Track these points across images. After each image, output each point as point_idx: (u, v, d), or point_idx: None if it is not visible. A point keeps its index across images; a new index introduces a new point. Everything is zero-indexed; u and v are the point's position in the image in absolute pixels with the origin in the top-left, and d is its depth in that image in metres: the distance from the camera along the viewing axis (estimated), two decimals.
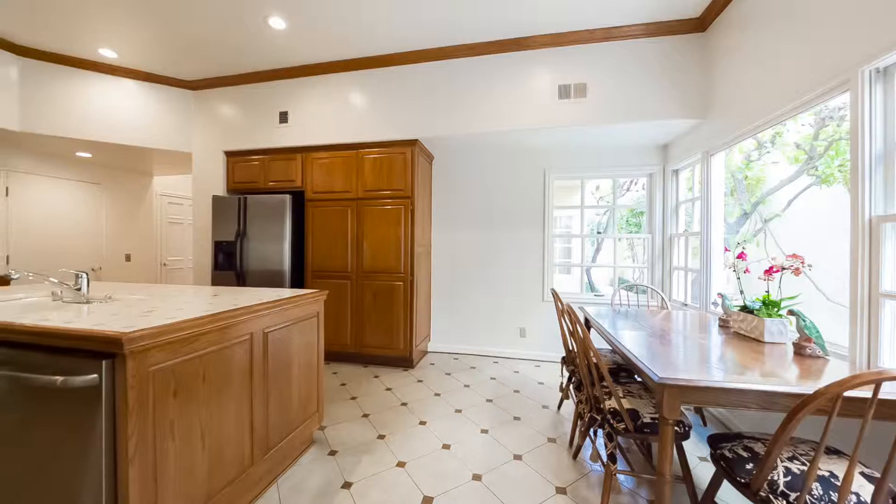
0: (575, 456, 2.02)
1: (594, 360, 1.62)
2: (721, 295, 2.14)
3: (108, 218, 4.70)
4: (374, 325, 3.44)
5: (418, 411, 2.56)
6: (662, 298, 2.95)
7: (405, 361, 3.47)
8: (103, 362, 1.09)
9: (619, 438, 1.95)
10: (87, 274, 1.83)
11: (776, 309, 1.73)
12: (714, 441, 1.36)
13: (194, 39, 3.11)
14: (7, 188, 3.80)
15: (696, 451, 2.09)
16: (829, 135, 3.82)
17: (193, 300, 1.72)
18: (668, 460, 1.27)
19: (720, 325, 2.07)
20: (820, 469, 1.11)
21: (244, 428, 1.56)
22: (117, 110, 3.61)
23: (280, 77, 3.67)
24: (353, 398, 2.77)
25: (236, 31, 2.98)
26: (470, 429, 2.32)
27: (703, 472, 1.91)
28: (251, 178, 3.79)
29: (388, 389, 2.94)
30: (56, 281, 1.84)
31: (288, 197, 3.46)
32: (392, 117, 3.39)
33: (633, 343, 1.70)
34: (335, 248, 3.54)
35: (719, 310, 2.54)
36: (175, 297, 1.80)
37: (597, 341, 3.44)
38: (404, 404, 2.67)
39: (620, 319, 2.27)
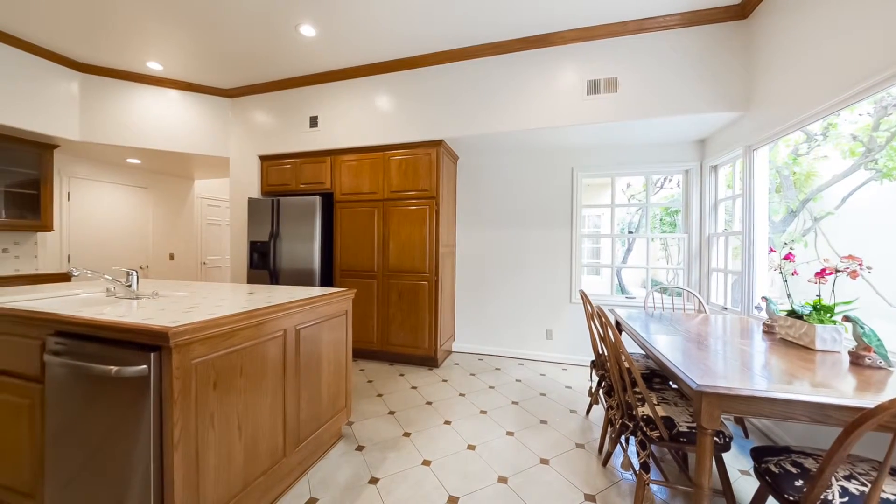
0: (605, 463, 1.95)
1: (626, 364, 1.56)
2: (765, 298, 2.01)
3: (153, 220, 5.04)
4: (400, 324, 3.49)
5: (443, 411, 2.57)
6: (699, 301, 2.80)
7: (430, 361, 3.49)
8: (151, 354, 1.17)
9: (653, 447, 1.88)
10: (136, 272, 1.97)
11: (829, 314, 1.60)
12: (758, 454, 1.28)
13: (231, 50, 3.27)
14: (69, 193, 4.16)
15: (738, 464, 1.97)
16: (892, 125, 3.50)
17: (231, 297, 1.81)
18: (706, 472, 1.20)
19: (764, 331, 1.94)
20: (883, 491, 1.01)
21: (277, 420, 1.62)
22: (163, 119, 3.86)
23: (310, 83, 3.80)
24: (380, 395, 2.81)
25: (270, 40, 3.11)
26: (495, 430, 2.31)
27: (745, 486, 1.80)
28: (284, 180, 3.94)
29: (414, 388, 2.96)
30: (110, 278, 1.99)
31: (318, 198, 3.58)
32: (417, 118, 3.42)
33: (668, 348, 1.63)
34: (362, 248, 3.62)
35: (763, 314, 2.38)
36: (214, 295, 1.90)
37: (628, 345, 3.32)
38: (429, 403, 2.69)
39: (654, 323, 2.18)
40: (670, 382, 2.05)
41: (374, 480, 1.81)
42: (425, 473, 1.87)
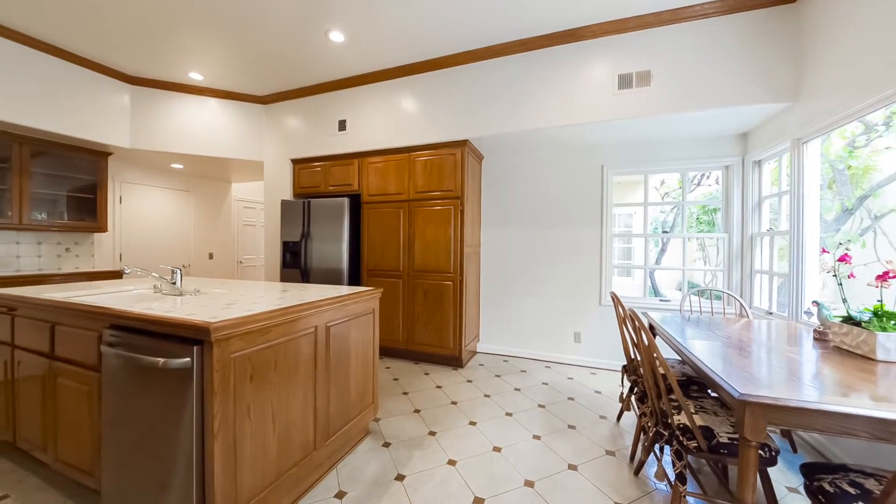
0: (637, 472, 1.88)
1: (662, 370, 1.50)
2: (817, 303, 1.86)
3: (195, 221, 5.35)
4: (425, 324, 3.51)
5: (468, 411, 2.56)
6: (741, 305, 2.64)
7: (454, 361, 3.49)
8: (194, 348, 1.24)
9: (690, 457, 1.78)
10: (180, 270, 2.10)
11: (893, 321, 1.46)
12: (809, 471, 1.19)
13: (265, 58, 3.42)
14: (121, 196, 4.49)
15: (785, 480, 1.84)
16: None
17: (266, 295, 1.88)
18: (750, 487, 1.13)
19: (815, 338, 1.80)
20: None
21: (308, 414, 1.67)
22: (203, 126, 4.09)
23: (338, 87, 3.90)
24: (405, 393, 2.85)
25: (300, 47, 3.22)
26: (521, 433, 2.27)
27: None
28: (314, 182, 4.07)
29: (438, 387, 2.98)
30: (157, 276, 2.13)
31: (346, 200, 3.67)
32: (442, 119, 3.44)
33: (706, 354, 1.54)
34: (388, 248, 3.68)
35: (814, 320, 2.21)
36: (250, 292, 1.99)
37: (662, 350, 3.18)
38: (454, 403, 2.69)
39: (690, 327, 2.07)
40: (709, 390, 1.94)
41: (400, 477, 1.84)
42: (451, 473, 1.87)
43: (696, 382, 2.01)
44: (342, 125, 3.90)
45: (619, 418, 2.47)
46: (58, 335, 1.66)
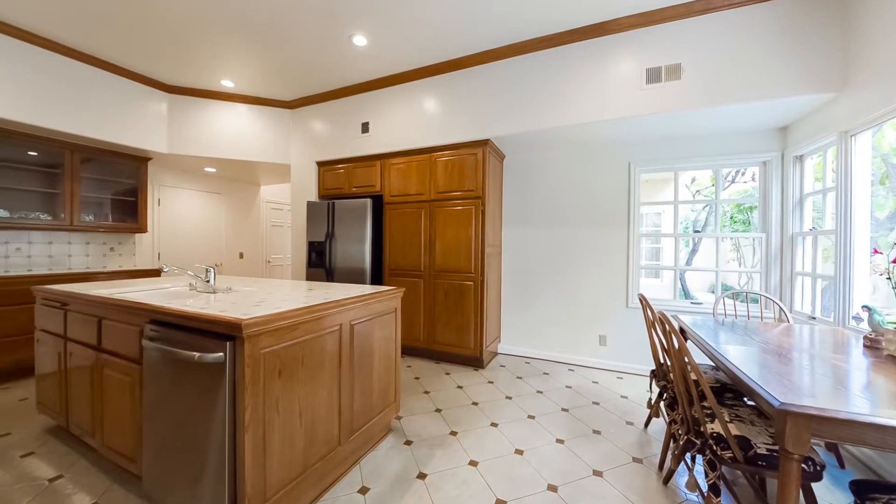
0: (666, 481, 1.81)
1: (693, 376, 1.44)
2: (868, 308, 1.73)
3: (226, 222, 5.59)
4: (445, 323, 3.52)
5: (489, 412, 2.54)
6: (780, 309, 2.49)
7: (475, 361, 3.48)
8: (227, 343, 1.30)
9: (724, 468, 1.70)
10: (213, 268, 2.20)
11: None
12: (861, 489, 1.11)
13: (291, 64, 3.52)
14: (159, 199, 4.75)
15: (831, 497, 1.72)
16: None
17: (293, 293, 1.94)
18: (791, 502, 1.06)
19: (866, 346, 1.67)
20: None
21: (333, 410, 1.71)
22: (234, 131, 4.27)
23: (361, 91, 3.97)
24: (426, 392, 2.86)
25: (325, 52, 3.30)
26: (544, 437, 2.24)
27: None
28: (338, 184, 4.17)
29: (459, 387, 2.97)
30: (192, 274, 2.24)
31: (369, 201, 3.73)
32: (463, 119, 3.43)
33: (742, 360, 1.47)
34: (409, 248, 3.71)
35: (864, 326, 2.05)
36: (279, 291, 2.06)
37: (694, 355, 3.04)
38: (475, 403, 2.68)
39: (724, 332, 1.97)
40: (745, 398, 1.84)
41: (422, 476, 1.85)
42: (472, 474, 1.87)
43: (730, 390, 1.92)
44: (365, 127, 3.97)
45: (646, 425, 2.38)
46: (104, 329, 1.78)
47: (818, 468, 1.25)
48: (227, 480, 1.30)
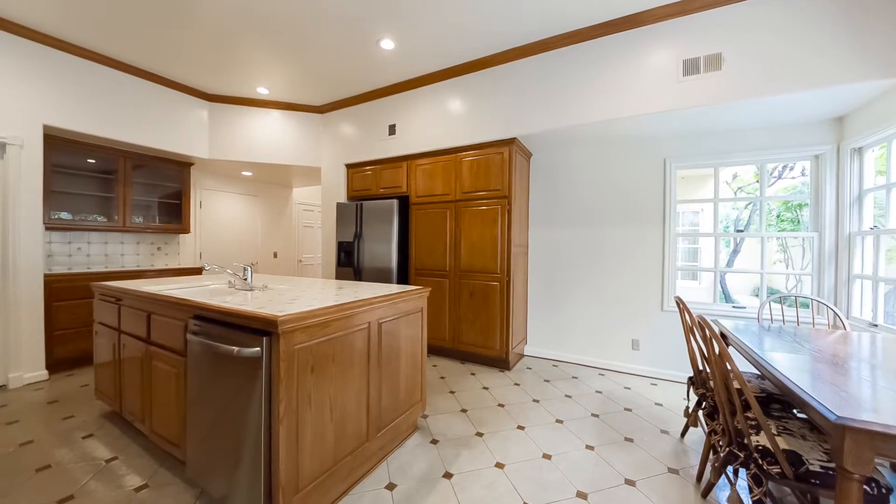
0: (705, 495, 1.71)
1: (737, 384, 1.35)
2: None
3: (261, 223, 5.85)
4: (471, 324, 3.51)
5: (516, 415, 2.51)
6: (835, 315, 2.29)
7: (501, 362, 3.44)
8: (264, 339, 1.35)
9: (771, 484, 1.59)
10: (250, 267, 2.31)
11: None
12: None
13: (322, 70, 3.64)
14: (201, 202, 5.05)
15: None
16: None
17: (324, 292, 2.00)
18: None
19: None
20: None
21: (362, 406, 1.75)
22: (268, 136, 4.46)
23: (388, 93, 4.04)
24: (452, 392, 2.86)
25: (354, 56, 3.39)
26: (573, 442, 2.18)
27: None
28: (365, 186, 4.26)
29: (485, 388, 2.96)
30: (231, 272, 2.36)
31: (395, 202, 3.78)
32: (489, 118, 3.41)
33: (791, 368, 1.37)
34: (435, 248, 3.73)
35: None
36: (310, 289, 2.13)
37: (736, 362, 2.86)
38: (501, 405, 2.65)
39: (770, 338, 1.85)
40: (794, 410, 1.72)
41: (448, 475, 1.85)
42: (498, 476, 1.85)
43: (778, 400, 1.79)
44: (392, 129, 4.03)
45: (683, 434, 2.27)
46: (153, 323, 1.91)
47: (884, 491, 1.14)
48: (263, 470, 1.36)
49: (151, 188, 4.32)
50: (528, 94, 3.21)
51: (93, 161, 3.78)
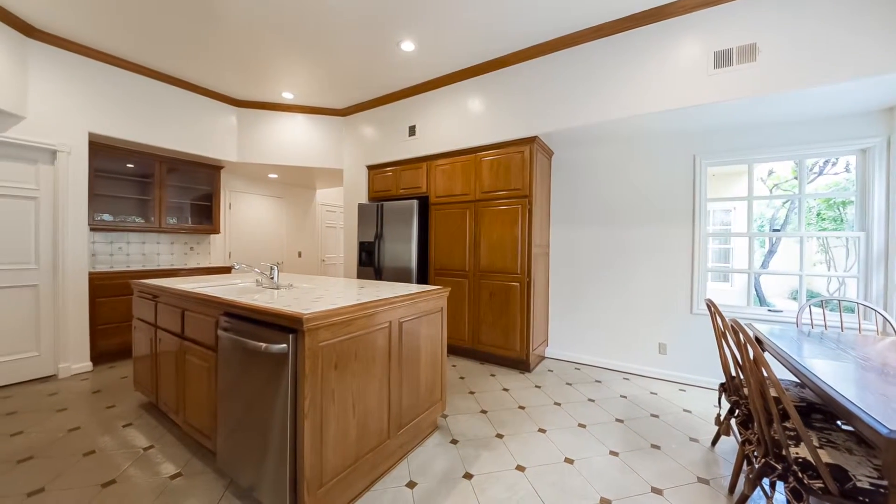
0: None
1: (774, 392, 1.28)
2: None
3: (286, 224, 6.03)
4: (490, 324, 3.49)
5: (537, 418, 2.48)
6: (885, 320, 2.13)
7: (521, 364, 3.40)
8: (290, 336, 1.39)
9: (812, 499, 1.50)
10: (277, 266, 2.38)
11: None
12: None
13: (344, 73, 3.71)
14: (230, 203, 5.25)
15: None
16: None
17: (347, 291, 2.04)
18: None
19: None
20: None
21: (383, 404, 1.77)
22: (293, 139, 4.59)
23: (408, 95, 4.07)
24: (472, 393, 2.85)
25: (375, 59, 3.43)
26: (596, 447, 2.13)
27: None
28: (386, 187, 4.31)
29: (505, 390, 2.93)
30: (258, 271, 2.45)
31: (415, 202, 3.81)
32: (509, 117, 3.38)
33: (835, 377, 1.28)
34: (454, 248, 3.73)
35: None
36: (333, 288, 2.18)
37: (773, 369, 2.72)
38: (522, 407, 2.62)
39: (811, 344, 1.74)
40: (839, 422, 1.61)
41: (468, 476, 1.85)
42: (519, 479, 1.83)
43: (820, 410, 1.68)
44: (412, 130, 4.06)
45: (714, 442, 2.17)
46: (187, 319, 2.00)
47: None
48: (289, 463, 1.40)
49: (184, 191, 4.53)
50: (550, 92, 3.16)
51: (131, 165, 4.01)
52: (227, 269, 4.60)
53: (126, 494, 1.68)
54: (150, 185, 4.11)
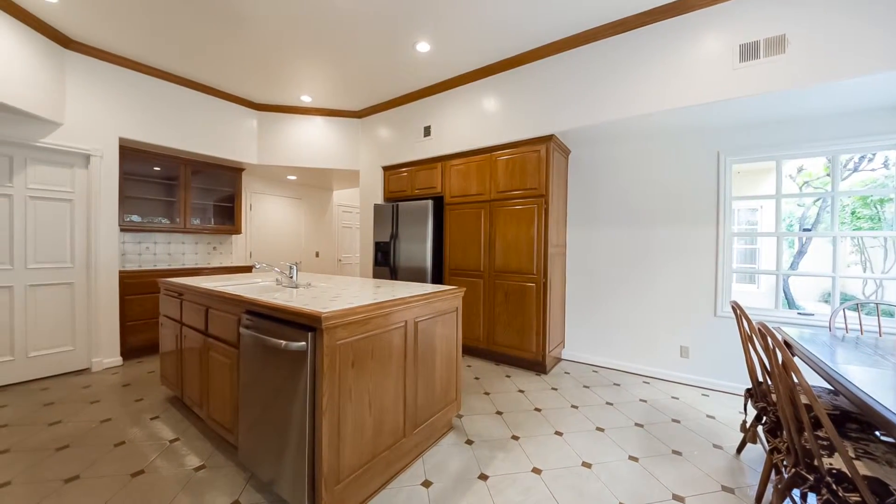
0: None
1: (805, 399, 1.23)
2: None
3: (304, 224, 6.15)
4: (506, 325, 3.46)
5: (553, 420, 2.44)
6: None
7: (537, 365, 3.37)
8: (309, 334, 1.42)
9: None
10: (296, 266, 2.43)
11: None
12: None
13: (360, 75, 3.76)
14: (251, 205, 5.39)
15: None
16: None
17: (363, 290, 2.07)
18: None
19: None
20: None
21: (399, 403, 1.78)
22: (311, 141, 4.68)
23: (423, 95, 4.09)
24: (487, 393, 2.84)
25: (391, 61, 3.46)
26: (615, 452, 2.08)
27: None
28: (401, 187, 4.34)
29: (521, 391, 2.90)
30: (278, 270, 2.50)
31: (430, 202, 3.82)
32: (524, 116, 3.35)
33: (873, 384, 1.21)
34: (469, 248, 3.72)
35: None
36: (350, 287, 2.21)
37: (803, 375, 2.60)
38: (538, 409, 2.59)
39: (844, 349, 1.66)
40: (877, 432, 1.52)
41: (483, 477, 1.84)
42: (535, 481, 1.81)
43: (856, 419, 1.60)
44: (427, 131, 4.08)
45: (739, 450, 2.09)
46: (210, 317, 2.07)
47: None
48: (307, 458, 1.43)
49: (207, 192, 4.68)
50: (567, 89, 3.12)
51: (158, 168, 4.17)
52: (248, 269, 4.72)
53: (154, 484, 1.75)
54: (175, 188, 4.27)
